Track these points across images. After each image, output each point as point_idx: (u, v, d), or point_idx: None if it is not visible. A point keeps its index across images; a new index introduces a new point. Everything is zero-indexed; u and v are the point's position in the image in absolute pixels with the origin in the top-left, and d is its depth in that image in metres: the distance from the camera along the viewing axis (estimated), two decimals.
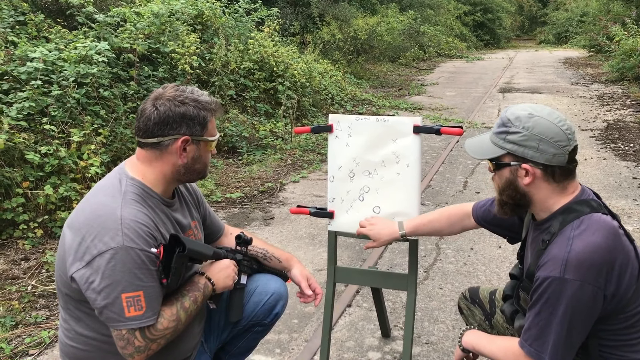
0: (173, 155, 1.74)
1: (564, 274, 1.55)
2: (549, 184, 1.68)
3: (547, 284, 1.59)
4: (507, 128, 1.69)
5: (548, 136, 1.63)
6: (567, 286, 1.55)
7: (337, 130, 2.53)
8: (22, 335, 3.04)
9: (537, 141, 1.63)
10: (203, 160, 1.82)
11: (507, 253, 4.04)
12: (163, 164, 1.75)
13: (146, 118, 1.71)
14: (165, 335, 1.66)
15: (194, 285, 1.80)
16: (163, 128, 1.71)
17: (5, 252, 3.98)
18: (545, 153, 1.64)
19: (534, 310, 1.64)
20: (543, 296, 1.60)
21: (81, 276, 1.59)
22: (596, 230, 1.59)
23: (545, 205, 1.72)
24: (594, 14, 20.60)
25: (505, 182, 1.73)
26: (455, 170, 6.27)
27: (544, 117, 1.65)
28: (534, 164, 1.66)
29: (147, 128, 1.71)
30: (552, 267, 1.59)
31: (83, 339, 1.74)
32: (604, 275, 1.55)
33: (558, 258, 1.58)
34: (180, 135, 1.73)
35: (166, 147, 1.73)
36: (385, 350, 2.89)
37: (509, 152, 1.69)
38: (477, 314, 2.28)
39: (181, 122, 1.72)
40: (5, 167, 4.15)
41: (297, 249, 4.22)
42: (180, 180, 1.83)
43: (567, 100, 10.98)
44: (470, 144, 1.84)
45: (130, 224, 1.61)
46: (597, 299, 1.56)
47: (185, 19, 7.51)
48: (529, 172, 1.66)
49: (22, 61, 5.07)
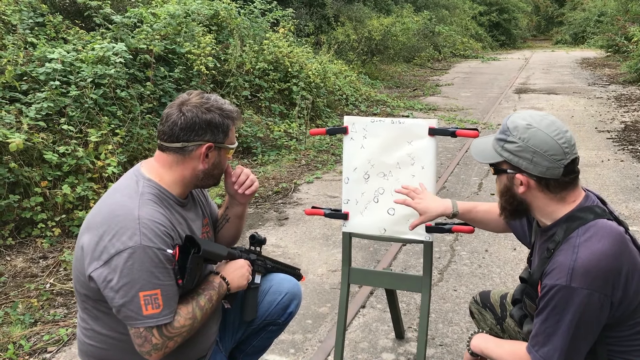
0: (195, 161, 1.78)
1: (571, 282, 1.55)
2: (545, 194, 1.69)
3: (554, 291, 1.59)
4: (505, 136, 1.70)
5: (543, 149, 1.62)
6: (574, 294, 1.55)
7: (352, 132, 2.53)
8: (40, 333, 3.09)
9: (531, 153, 1.64)
10: (221, 166, 1.87)
11: (522, 255, 4.02)
12: (184, 168, 1.78)
13: (172, 123, 1.74)
14: (181, 333, 1.69)
15: (209, 285, 1.82)
16: (189, 134, 1.74)
17: (24, 250, 4.04)
18: (538, 165, 1.64)
19: (541, 317, 1.64)
20: (550, 304, 1.60)
21: (99, 275, 1.62)
22: (602, 237, 1.59)
23: (545, 212, 1.72)
24: (612, 14, 20.36)
25: (504, 188, 1.76)
26: (470, 171, 6.25)
27: (541, 130, 1.64)
28: (527, 174, 1.66)
29: (173, 133, 1.74)
30: (558, 275, 1.59)
31: (101, 337, 1.76)
32: (610, 282, 1.55)
33: (564, 266, 1.58)
34: (205, 142, 1.77)
35: (190, 152, 1.76)
36: (399, 351, 2.89)
37: (506, 160, 1.70)
38: (489, 318, 2.28)
39: (207, 128, 1.76)
40: (24, 167, 4.21)
41: (311, 249, 4.23)
42: (196, 185, 1.87)
43: (583, 101, 10.88)
44: (475, 145, 1.85)
45: (148, 223, 1.63)
46: (604, 306, 1.56)
47: (200, 20, 7.56)
48: (523, 182, 1.67)
49: (41, 62, 5.15)
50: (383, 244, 4.19)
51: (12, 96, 4.80)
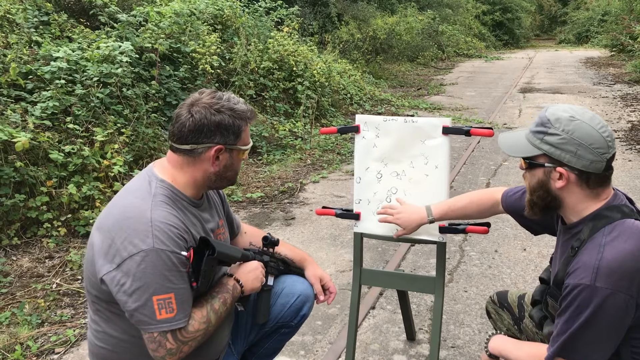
0: (205, 163, 1.73)
1: (595, 282, 1.51)
2: (582, 189, 1.64)
3: (577, 291, 1.55)
4: (546, 128, 1.64)
5: (587, 142, 1.58)
6: (598, 294, 1.51)
7: (364, 131, 2.50)
8: (47, 334, 3.06)
9: (575, 146, 1.59)
10: (234, 167, 1.81)
11: (532, 256, 3.98)
12: (195, 170, 1.74)
13: (181, 124, 1.69)
14: (196, 338, 1.65)
15: (223, 287, 1.79)
16: (197, 136, 1.69)
17: (29, 250, 4.02)
18: (582, 159, 1.59)
19: (563, 317, 1.60)
20: (573, 304, 1.56)
21: (112, 279, 1.58)
22: (629, 238, 1.55)
23: (576, 209, 1.67)
24: (616, 13, 20.28)
25: (537, 183, 1.69)
26: (477, 171, 6.21)
27: (585, 122, 1.60)
28: (569, 168, 1.61)
29: (182, 134, 1.70)
30: (582, 274, 1.54)
31: (113, 340, 1.73)
32: (636, 283, 1.51)
33: (589, 265, 1.54)
34: (214, 144, 1.71)
35: (199, 154, 1.72)
36: (411, 353, 2.86)
37: (545, 153, 1.64)
38: (506, 318, 2.25)
39: (216, 130, 1.70)
40: (29, 166, 4.18)
41: (319, 249, 4.19)
42: (210, 187, 1.83)
43: (589, 100, 10.82)
44: (504, 140, 1.79)
45: (161, 226, 1.60)
46: (629, 307, 1.52)
47: (205, 19, 7.53)
48: (563, 176, 1.62)
49: (46, 61, 5.12)
50: (391, 244, 4.15)
51: (18, 95, 4.77)
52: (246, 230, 2.25)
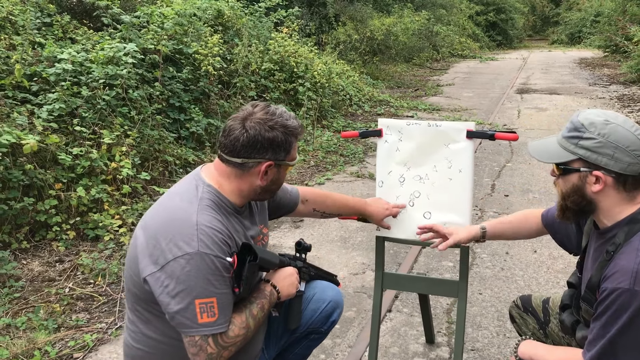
0: (254, 177, 1.74)
1: (634, 286, 1.51)
2: (618, 193, 1.65)
3: (615, 295, 1.55)
4: (580, 133, 1.65)
5: (624, 144, 1.59)
6: (637, 298, 1.51)
7: (387, 134, 2.50)
8: (64, 339, 3.03)
9: (612, 149, 1.59)
10: (280, 182, 1.84)
11: (543, 258, 4.00)
12: (242, 182, 1.75)
13: (234, 138, 1.69)
14: (236, 343, 1.65)
15: (261, 293, 1.79)
16: (250, 151, 1.70)
17: (39, 254, 3.98)
18: (620, 161, 1.60)
19: (600, 322, 1.59)
20: (610, 308, 1.56)
21: (156, 280, 1.59)
22: None
23: (610, 213, 1.68)
24: (609, 14, 20.40)
25: (572, 188, 1.69)
26: (482, 172, 6.23)
27: (620, 125, 1.61)
28: (606, 171, 1.62)
29: (234, 148, 1.70)
30: (620, 278, 1.55)
31: (151, 342, 1.72)
32: None
33: (627, 269, 1.54)
34: (265, 160, 1.72)
35: (249, 168, 1.72)
36: (431, 356, 2.86)
37: (581, 157, 1.65)
38: (531, 322, 2.25)
39: (268, 147, 1.71)
40: (37, 169, 4.15)
41: (330, 252, 4.19)
42: (253, 198, 1.83)
43: (586, 101, 10.89)
44: (535, 147, 1.80)
45: (206, 230, 1.60)
46: None
47: (206, 20, 7.50)
48: (600, 180, 1.63)
49: (50, 62, 5.08)
50: (402, 246, 4.16)
51: (23, 97, 4.73)
52: (307, 198, 2.27)
